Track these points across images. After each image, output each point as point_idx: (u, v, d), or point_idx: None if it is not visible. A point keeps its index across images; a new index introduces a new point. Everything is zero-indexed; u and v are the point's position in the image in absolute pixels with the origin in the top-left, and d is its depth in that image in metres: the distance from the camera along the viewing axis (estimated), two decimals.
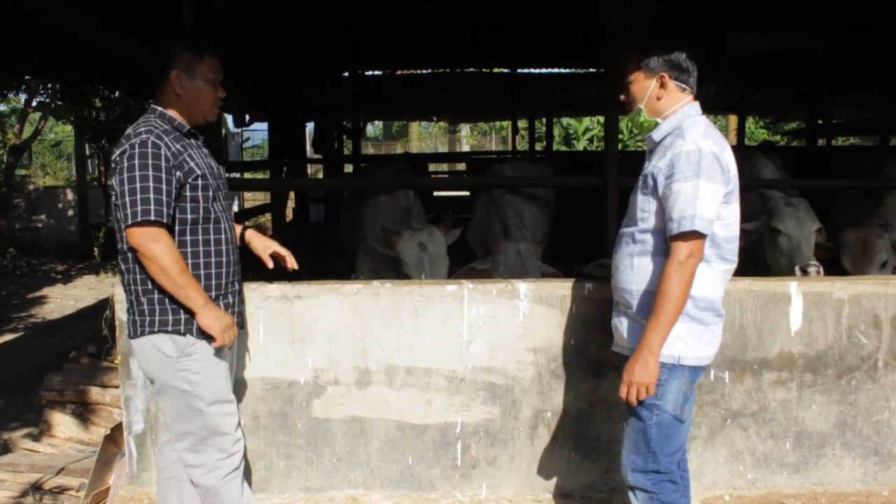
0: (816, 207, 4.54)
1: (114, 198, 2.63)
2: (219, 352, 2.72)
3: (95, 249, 12.38)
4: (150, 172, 2.51)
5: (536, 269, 4.32)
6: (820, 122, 10.00)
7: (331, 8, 5.41)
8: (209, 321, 2.60)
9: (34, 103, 13.15)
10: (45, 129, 18.25)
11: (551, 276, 4.20)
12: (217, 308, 2.65)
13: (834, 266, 4.48)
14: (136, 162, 2.51)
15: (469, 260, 5.58)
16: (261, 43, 6.13)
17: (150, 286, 2.61)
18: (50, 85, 12.32)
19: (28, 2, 3.83)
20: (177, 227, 2.61)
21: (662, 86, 2.60)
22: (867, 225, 4.56)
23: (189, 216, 2.65)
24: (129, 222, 2.50)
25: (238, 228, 3.03)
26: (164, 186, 2.53)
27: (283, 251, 3.04)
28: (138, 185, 2.50)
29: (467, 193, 8.89)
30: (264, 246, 3.05)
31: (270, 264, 3.05)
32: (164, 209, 2.53)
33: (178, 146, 2.62)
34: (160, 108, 2.71)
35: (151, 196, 2.50)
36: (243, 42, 5.79)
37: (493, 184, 5.48)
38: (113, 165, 2.59)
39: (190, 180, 2.62)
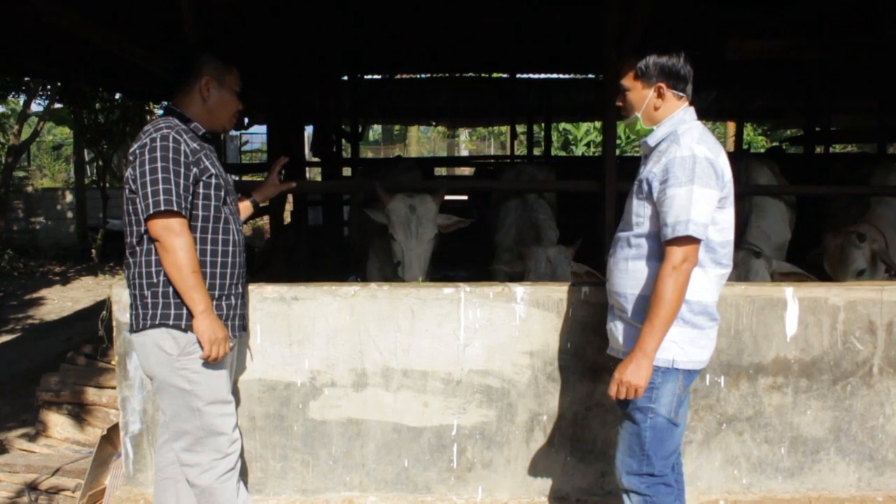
0: (813, 211, 4.55)
1: (127, 191, 2.66)
2: None
3: (93, 251, 12.37)
4: (171, 165, 2.56)
5: (567, 274, 4.20)
6: (818, 129, 10.03)
7: (331, 12, 5.43)
8: (203, 328, 2.62)
9: (33, 106, 13.14)
10: (44, 131, 18.26)
11: (585, 275, 4.17)
12: (215, 319, 2.65)
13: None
14: (158, 154, 2.55)
15: (483, 262, 5.61)
16: (261, 46, 6.15)
17: (154, 280, 2.63)
18: (49, 87, 12.32)
19: (29, 3, 3.84)
20: (188, 224, 2.64)
21: (660, 96, 2.61)
22: (845, 233, 4.61)
23: (201, 213, 2.68)
24: (151, 212, 2.53)
25: (245, 205, 3.13)
26: (182, 181, 2.58)
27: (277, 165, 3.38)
28: (160, 175, 2.54)
29: (465, 197, 8.92)
30: (266, 185, 3.31)
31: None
32: (183, 201, 2.57)
33: (194, 145, 2.67)
34: (179, 110, 2.75)
35: (172, 187, 2.54)
36: (243, 45, 5.80)
37: (489, 188, 5.50)
38: (131, 158, 2.62)
39: (204, 178, 2.67)
